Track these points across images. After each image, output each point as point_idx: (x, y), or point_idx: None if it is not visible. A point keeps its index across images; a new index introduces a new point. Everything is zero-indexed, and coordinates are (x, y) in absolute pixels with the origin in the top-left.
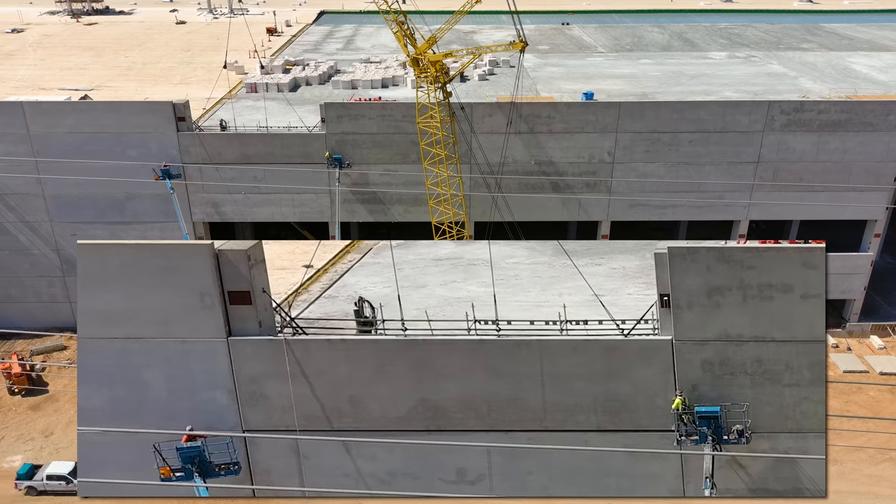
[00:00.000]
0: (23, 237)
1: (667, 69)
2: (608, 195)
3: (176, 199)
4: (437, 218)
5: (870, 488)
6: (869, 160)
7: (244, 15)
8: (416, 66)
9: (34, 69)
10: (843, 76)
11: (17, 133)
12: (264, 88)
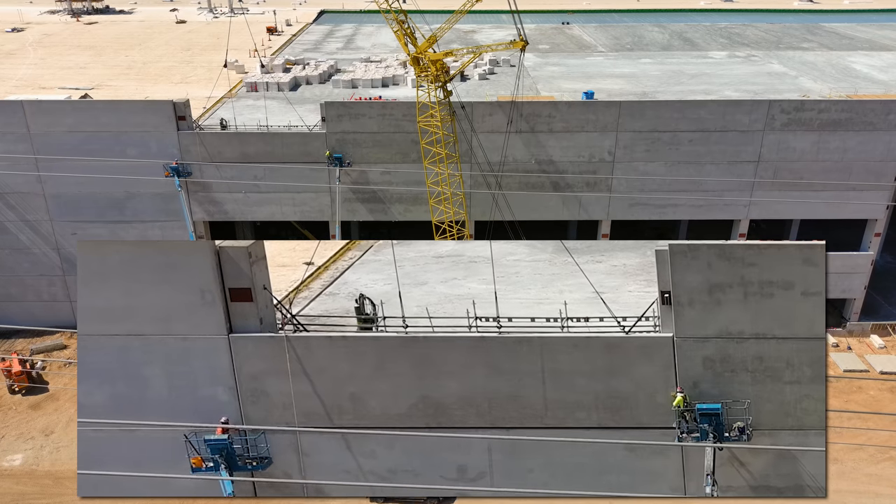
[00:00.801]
0: (23, 236)
1: (667, 68)
2: (608, 194)
3: (183, 197)
4: (437, 217)
5: (870, 487)
6: (869, 159)
7: (244, 14)
8: (417, 65)
9: (34, 68)
10: (843, 76)
11: (17, 132)
12: (264, 87)
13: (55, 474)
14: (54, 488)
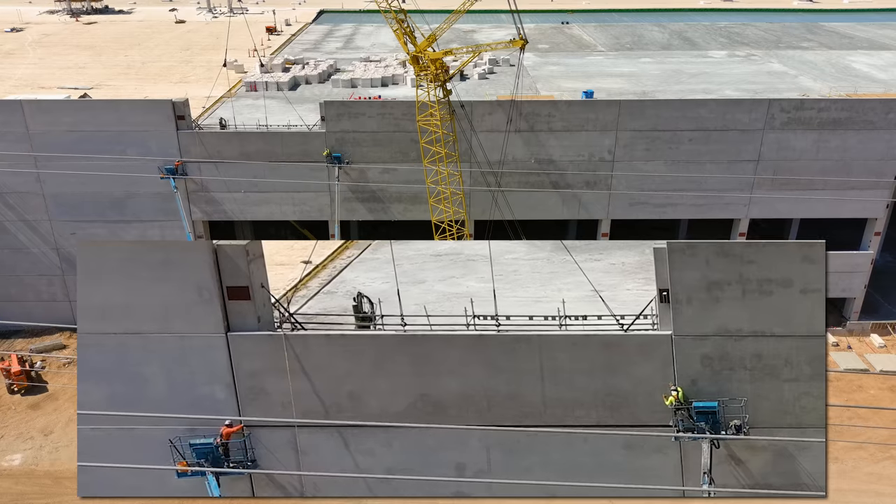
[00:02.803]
0: (22, 236)
1: (667, 67)
2: (608, 193)
3: (180, 198)
4: (436, 216)
5: (871, 486)
6: (869, 158)
7: (244, 14)
8: (416, 64)
9: (33, 68)
10: (843, 75)
11: (16, 131)
12: (264, 87)
13: (54, 474)
14: (53, 488)
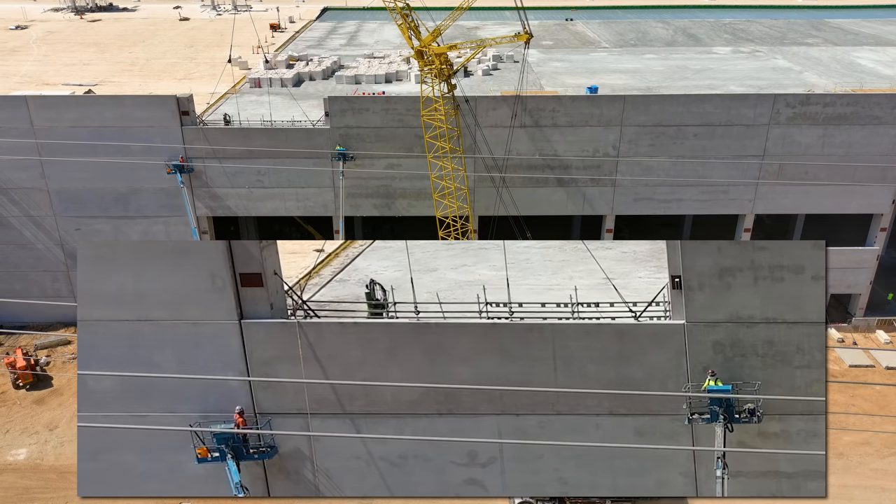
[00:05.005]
0: (27, 231)
1: (671, 64)
2: (613, 189)
3: (186, 194)
4: (441, 212)
5: (876, 482)
6: (875, 153)
7: (248, 11)
8: (421, 59)
9: (38, 65)
10: (848, 70)
11: (21, 127)
12: (268, 83)
13: (59, 469)
14: (59, 482)
